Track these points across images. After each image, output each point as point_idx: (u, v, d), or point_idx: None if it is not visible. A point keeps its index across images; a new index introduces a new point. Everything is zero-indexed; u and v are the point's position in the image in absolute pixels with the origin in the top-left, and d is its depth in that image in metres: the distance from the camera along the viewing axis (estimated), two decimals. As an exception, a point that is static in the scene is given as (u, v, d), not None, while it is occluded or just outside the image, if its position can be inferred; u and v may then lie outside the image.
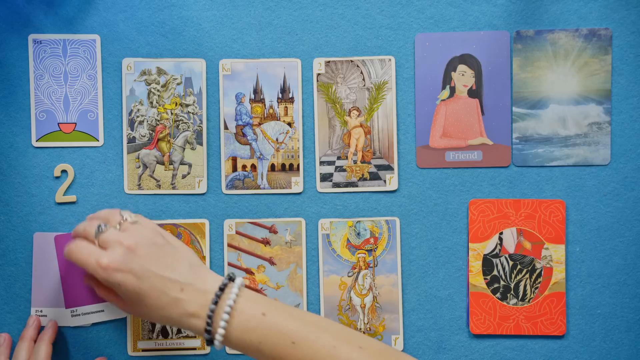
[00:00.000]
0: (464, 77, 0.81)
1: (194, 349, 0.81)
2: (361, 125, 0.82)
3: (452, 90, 0.81)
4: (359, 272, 0.82)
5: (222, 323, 0.65)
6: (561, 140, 0.80)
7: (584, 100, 0.80)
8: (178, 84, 0.82)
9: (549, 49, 0.80)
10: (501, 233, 0.81)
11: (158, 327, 0.81)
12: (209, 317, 0.65)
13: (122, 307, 0.70)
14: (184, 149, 0.82)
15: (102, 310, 0.81)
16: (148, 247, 0.68)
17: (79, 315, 0.80)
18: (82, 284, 0.80)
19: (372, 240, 0.82)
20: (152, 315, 0.67)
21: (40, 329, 0.80)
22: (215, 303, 0.66)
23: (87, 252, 0.68)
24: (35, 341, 0.77)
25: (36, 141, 0.81)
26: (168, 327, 0.81)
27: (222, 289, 0.66)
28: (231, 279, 0.68)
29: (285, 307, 0.68)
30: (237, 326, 0.65)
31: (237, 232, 0.82)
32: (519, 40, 0.80)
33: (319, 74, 0.82)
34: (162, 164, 0.82)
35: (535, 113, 0.81)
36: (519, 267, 0.81)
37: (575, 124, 0.80)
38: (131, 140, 0.82)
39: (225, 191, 0.82)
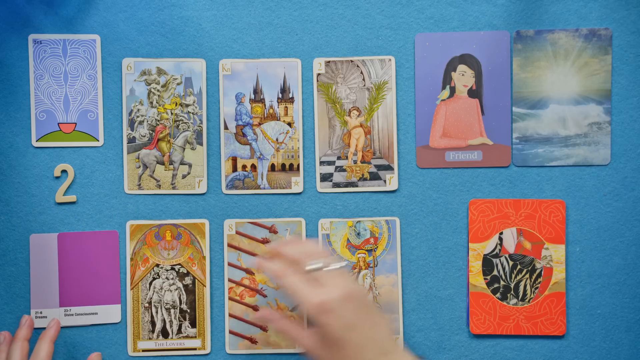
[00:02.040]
0: (464, 77, 0.81)
1: (194, 349, 0.81)
2: (361, 125, 0.82)
3: (452, 90, 0.81)
4: (359, 272, 0.82)
5: None
6: (561, 140, 0.80)
7: (584, 100, 0.80)
8: (178, 84, 0.82)
9: (549, 49, 0.80)
10: (501, 233, 0.81)
11: (158, 327, 0.81)
12: None
13: (307, 345, 0.69)
14: (184, 149, 0.82)
15: (96, 313, 0.81)
16: (360, 300, 0.67)
17: (72, 315, 0.80)
18: (79, 283, 0.80)
19: (372, 240, 0.82)
20: None
21: (38, 329, 0.80)
22: None
23: (301, 285, 0.68)
24: (28, 340, 0.77)
25: (36, 141, 0.81)
26: (168, 327, 0.81)
27: None
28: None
29: None
30: None
31: (237, 232, 0.82)
32: (519, 40, 0.80)
33: (319, 74, 0.82)
34: (162, 164, 0.82)
35: (535, 113, 0.81)
36: (519, 267, 0.81)
37: (575, 124, 0.80)
38: (131, 140, 0.82)
39: (225, 191, 0.82)
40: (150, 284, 0.81)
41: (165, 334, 0.81)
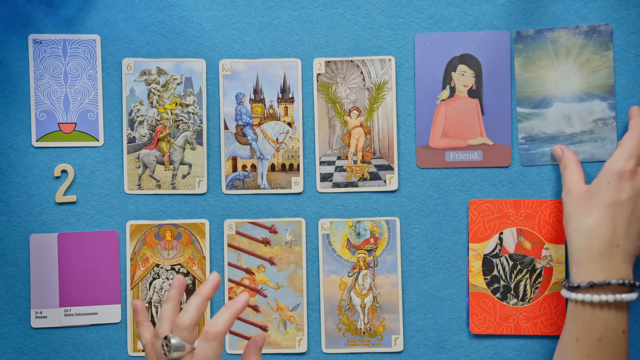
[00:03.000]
0: (464, 77, 0.81)
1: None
2: (361, 125, 0.82)
3: (452, 90, 0.81)
4: (359, 272, 0.82)
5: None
6: (567, 138, 0.80)
7: (587, 97, 0.80)
8: (178, 84, 0.82)
9: (549, 47, 0.80)
10: (501, 233, 0.81)
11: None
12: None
13: (574, 183, 0.75)
14: (184, 149, 0.82)
15: (96, 313, 0.81)
16: None
17: (72, 315, 0.80)
18: (79, 283, 0.80)
19: (372, 240, 0.82)
20: None
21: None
22: None
23: (634, 145, 0.74)
24: (208, 300, 0.65)
25: (36, 141, 0.81)
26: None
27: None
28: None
29: None
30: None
31: (237, 232, 0.82)
32: (520, 41, 0.80)
33: (319, 74, 0.82)
34: (162, 164, 0.82)
35: (539, 112, 0.81)
36: (519, 267, 0.81)
37: (580, 121, 0.80)
38: (131, 140, 0.82)
39: (225, 191, 0.82)
40: (150, 284, 0.81)
41: (165, 334, 0.81)
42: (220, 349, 0.62)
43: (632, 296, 0.69)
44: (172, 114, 0.82)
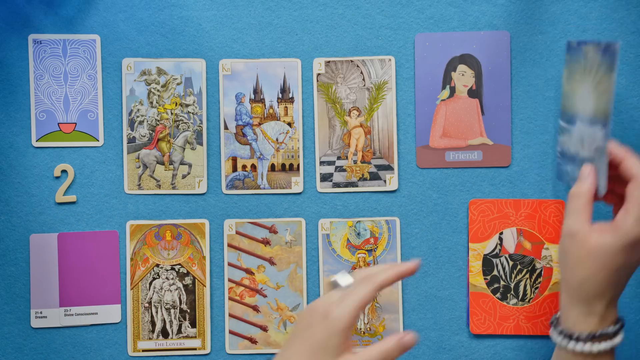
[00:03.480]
0: (464, 77, 0.81)
1: (194, 349, 0.81)
2: (361, 125, 0.82)
3: (452, 90, 0.81)
4: (359, 272, 0.82)
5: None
6: (579, 162, 0.70)
7: (594, 122, 0.68)
8: (178, 84, 0.82)
9: (582, 61, 0.70)
10: (501, 233, 0.81)
11: (158, 327, 0.81)
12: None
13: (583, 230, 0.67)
14: (184, 149, 0.82)
15: (96, 313, 0.81)
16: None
17: (72, 315, 0.80)
18: (79, 283, 0.80)
19: (372, 240, 0.82)
20: None
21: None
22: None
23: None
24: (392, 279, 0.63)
25: (36, 141, 0.81)
26: (168, 327, 0.81)
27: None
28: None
29: None
30: None
31: (237, 232, 0.82)
32: (569, 51, 0.72)
33: (319, 74, 0.82)
34: (162, 164, 0.82)
35: (568, 128, 0.73)
36: (519, 267, 0.81)
37: (589, 147, 0.70)
38: (131, 140, 0.82)
39: (225, 191, 0.82)
40: (150, 284, 0.81)
41: (165, 334, 0.81)
42: (370, 298, 0.61)
43: (622, 337, 0.68)
44: (172, 114, 0.82)
